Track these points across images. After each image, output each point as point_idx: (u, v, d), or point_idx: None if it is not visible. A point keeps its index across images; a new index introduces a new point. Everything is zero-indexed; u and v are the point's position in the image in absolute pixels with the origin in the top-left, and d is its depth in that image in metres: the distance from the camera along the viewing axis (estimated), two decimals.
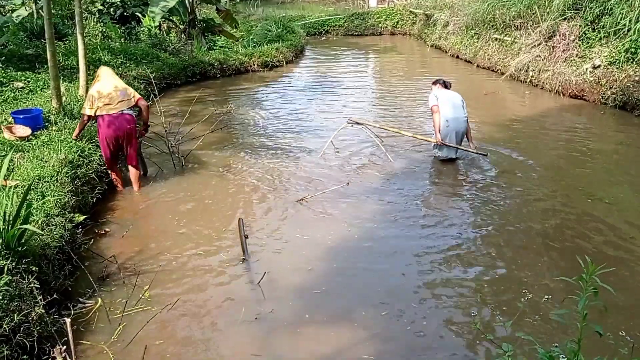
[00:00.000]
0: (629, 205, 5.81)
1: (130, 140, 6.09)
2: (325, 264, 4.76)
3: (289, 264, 4.77)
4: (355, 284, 4.47)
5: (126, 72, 10.79)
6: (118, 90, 6.00)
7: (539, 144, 7.88)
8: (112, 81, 6.08)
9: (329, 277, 4.56)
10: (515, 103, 10.68)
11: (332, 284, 4.46)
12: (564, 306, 3.89)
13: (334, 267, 4.72)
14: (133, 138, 6.12)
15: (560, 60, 10.97)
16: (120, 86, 6.09)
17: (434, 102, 7.05)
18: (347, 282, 4.49)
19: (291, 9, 28.19)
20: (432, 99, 7.12)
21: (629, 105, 9.28)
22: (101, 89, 5.96)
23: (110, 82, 6.05)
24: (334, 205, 5.94)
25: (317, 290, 4.36)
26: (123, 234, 5.28)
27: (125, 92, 6.06)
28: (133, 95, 6.10)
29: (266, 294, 4.29)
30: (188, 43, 13.87)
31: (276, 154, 7.56)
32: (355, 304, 4.18)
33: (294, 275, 4.60)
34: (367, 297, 4.28)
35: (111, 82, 6.05)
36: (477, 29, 14.82)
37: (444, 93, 7.15)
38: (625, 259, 4.72)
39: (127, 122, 6.01)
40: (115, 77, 6.21)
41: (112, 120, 5.91)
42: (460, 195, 6.25)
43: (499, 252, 4.90)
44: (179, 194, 6.28)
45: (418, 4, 20.69)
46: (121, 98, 5.98)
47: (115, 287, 4.39)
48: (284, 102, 10.79)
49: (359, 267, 4.74)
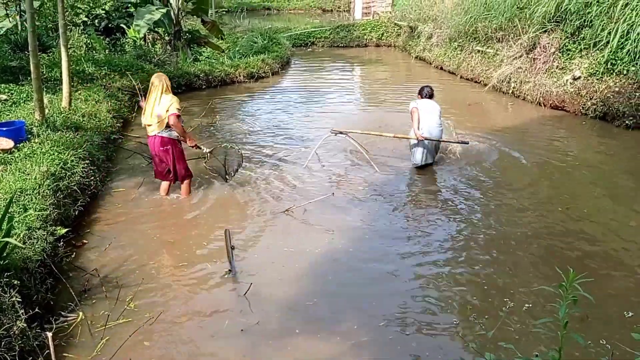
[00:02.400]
0: (609, 215, 5.91)
1: (168, 159, 6.15)
2: (311, 275, 4.77)
3: (275, 275, 4.76)
4: (341, 295, 4.47)
5: (110, 83, 10.75)
6: (155, 113, 5.94)
7: (521, 154, 7.98)
8: (152, 98, 5.96)
9: (315, 288, 4.56)
10: (498, 114, 10.82)
11: (319, 295, 4.46)
12: (546, 314, 3.93)
13: (320, 278, 4.72)
14: (169, 156, 6.12)
15: (541, 72, 11.16)
16: (159, 105, 5.93)
17: (414, 106, 7.38)
18: (334, 293, 4.50)
19: (277, 20, 28.40)
20: (412, 105, 7.46)
21: (609, 116, 9.45)
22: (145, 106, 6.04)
23: (150, 101, 5.96)
24: (320, 215, 5.95)
25: (304, 302, 4.36)
26: (105, 247, 5.24)
27: (162, 111, 5.91)
28: (167, 111, 5.88)
29: (252, 305, 4.28)
30: (173, 54, 13.86)
31: (261, 164, 7.57)
32: (342, 315, 4.19)
33: (280, 286, 4.59)
34: (354, 307, 4.28)
35: (151, 101, 5.96)
36: (460, 41, 15.02)
37: (424, 102, 7.46)
38: (605, 267, 4.80)
39: (161, 144, 6.07)
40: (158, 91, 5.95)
41: (150, 140, 6.14)
42: (443, 204, 6.30)
43: (481, 261, 4.95)
44: (163, 205, 6.26)
45: (402, 16, 20.90)
46: (156, 119, 5.95)
47: (97, 301, 4.35)
48: (269, 113, 10.82)
49: (345, 277, 4.75)
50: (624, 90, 9.26)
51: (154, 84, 5.95)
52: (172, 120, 5.90)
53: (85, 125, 7.76)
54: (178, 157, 6.21)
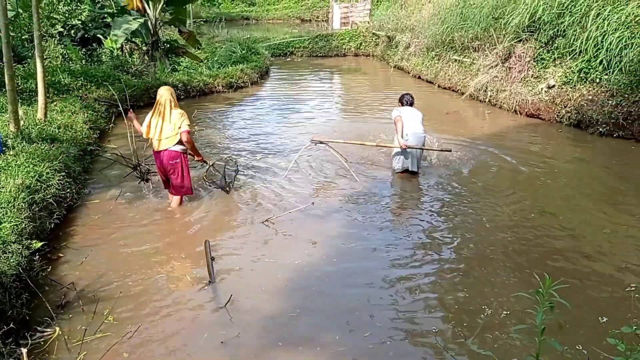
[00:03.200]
0: (585, 221, 6.01)
1: (176, 172, 6.20)
2: (293, 286, 4.75)
3: (255, 286, 4.74)
4: (323, 305, 4.46)
5: (87, 94, 10.64)
6: (166, 129, 6.01)
7: (498, 162, 8.09)
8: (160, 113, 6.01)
9: (297, 299, 4.55)
10: (475, 122, 10.96)
11: (300, 305, 4.45)
12: (524, 321, 3.98)
13: (301, 289, 4.70)
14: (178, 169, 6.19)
15: (517, 81, 11.36)
16: (169, 121, 6.01)
17: (397, 114, 7.40)
18: (315, 304, 4.48)
19: (256, 30, 28.45)
20: (395, 113, 7.48)
21: (583, 124, 9.65)
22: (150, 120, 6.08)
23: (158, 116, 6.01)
24: (300, 225, 5.95)
25: (285, 313, 4.34)
26: (82, 260, 5.16)
27: (174, 127, 5.99)
28: (179, 127, 6.00)
29: (232, 317, 4.25)
30: (151, 64, 13.79)
31: (241, 174, 7.54)
32: (323, 326, 4.18)
33: (260, 297, 4.57)
34: (335, 318, 4.27)
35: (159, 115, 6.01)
36: (437, 51, 15.22)
37: (406, 110, 7.51)
38: (582, 273, 4.87)
39: (170, 158, 6.13)
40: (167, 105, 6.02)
41: (157, 154, 6.17)
42: (422, 212, 6.35)
43: (460, 268, 4.99)
44: (141, 217, 6.19)
45: (380, 26, 21.14)
46: (167, 134, 6.01)
47: (74, 315, 4.27)
48: (249, 123, 10.80)
49: (326, 287, 4.74)
50: (597, 99, 9.47)
51: (163, 97, 5.99)
52: (185, 137, 6.01)
53: (61, 136, 7.66)
54: (186, 171, 6.28)
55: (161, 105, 5.99)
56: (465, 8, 14.06)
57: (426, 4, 17.94)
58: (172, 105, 6.03)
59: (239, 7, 39.29)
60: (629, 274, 4.83)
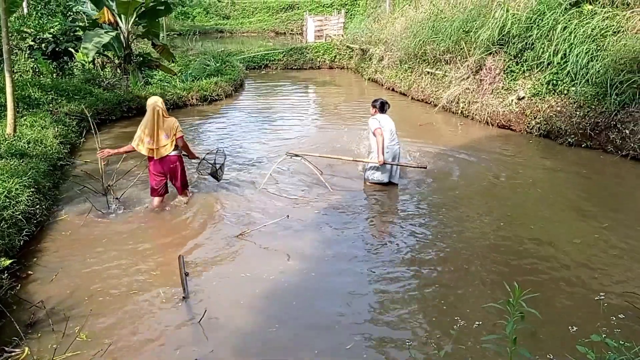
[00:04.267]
0: (556, 231, 6.12)
1: (176, 174, 6.66)
2: (268, 301, 4.72)
3: (230, 301, 4.69)
4: (298, 320, 4.44)
5: (57, 108, 10.48)
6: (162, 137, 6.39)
7: (471, 173, 8.21)
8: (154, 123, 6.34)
9: (272, 314, 4.51)
10: (448, 133, 11.11)
11: (275, 320, 4.41)
12: (496, 331, 4.02)
13: (277, 303, 4.68)
14: (177, 172, 6.65)
15: (488, 93, 11.57)
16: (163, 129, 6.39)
17: (377, 126, 7.25)
18: (291, 318, 4.46)
19: (230, 43, 28.46)
20: (374, 123, 7.31)
21: (552, 134, 9.87)
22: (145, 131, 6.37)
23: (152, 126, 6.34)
24: (275, 238, 5.93)
25: (260, 328, 4.31)
26: (52, 277, 5.05)
27: (169, 134, 6.41)
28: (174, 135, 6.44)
29: (207, 333, 4.20)
30: (124, 78, 13.66)
31: (215, 188, 7.50)
32: (300, 341, 4.15)
33: (235, 312, 4.53)
34: (311, 332, 4.26)
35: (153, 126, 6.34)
36: (410, 63, 15.42)
37: (384, 119, 7.40)
38: (553, 282, 4.96)
39: (171, 163, 6.58)
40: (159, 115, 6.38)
41: (157, 162, 6.51)
42: (396, 223, 6.39)
43: (433, 280, 5.03)
44: (113, 232, 6.09)
45: (354, 39, 21.34)
46: (164, 143, 6.41)
47: (43, 334, 4.17)
48: (223, 136, 10.76)
49: (303, 302, 4.72)
50: (565, 110, 9.69)
51: (155, 108, 6.36)
52: (181, 143, 6.58)
53: (30, 152, 7.52)
54: (183, 171, 6.75)
55: (154, 116, 6.33)
56: (437, 22, 14.31)
57: (399, 17, 18.21)
58: (164, 115, 6.42)
59: (213, 20, 39.24)
60: (598, 283, 4.92)
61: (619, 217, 6.42)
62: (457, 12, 13.87)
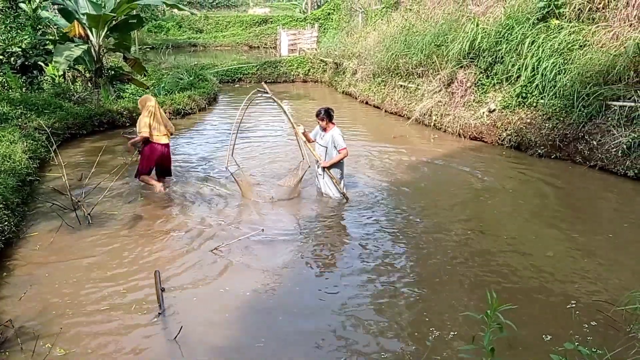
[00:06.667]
0: (527, 241, 6.22)
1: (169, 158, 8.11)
2: (244, 316, 4.66)
3: (206, 318, 4.63)
4: (276, 335, 4.40)
5: (26, 123, 10.26)
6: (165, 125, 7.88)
7: (443, 184, 8.30)
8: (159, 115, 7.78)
9: (249, 330, 4.46)
10: (422, 145, 11.22)
11: (252, 336, 4.37)
12: (470, 341, 4.05)
13: (254, 319, 4.63)
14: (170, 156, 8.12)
15: (460, 105, 11.76)
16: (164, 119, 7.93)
17: (345, 145, 7.25)
18: (268, 334, 4.41)
19: (203, 57, 28.32)
20: (342, 140, 7.27)
21: (523, 146, 10.07)
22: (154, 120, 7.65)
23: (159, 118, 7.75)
24: (249, 252, 5.88)
25: (237, 344, 4.26)
26: (21, 295, 4.90)
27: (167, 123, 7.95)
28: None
29: (183, 349, 4.13)
30: (95, 92, 13.46)
31: (187, 202, 7.42)
32: (277, 357, 4.11)
33: (212, 329, 4.47)
34: (288, 348, 4.22)
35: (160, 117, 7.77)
36: (384, 77, 15.58)
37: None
38: (526, 292, 5.02)
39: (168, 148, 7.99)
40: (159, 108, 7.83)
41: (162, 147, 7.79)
42: (370, 234, 6.40)
43: (408, 291, 5.05)
44: (84, 248, 5.96)
45: (327, 52, 21.49)
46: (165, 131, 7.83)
47: (11, 354, 4.05)
48: (196, 150, 10.67)
49: (278, 318, 4.68)
50: (534, 122, 9.91)
51: (153, 103, 7.63)
52: (174, 130, 8.19)
53: None
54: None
55: (156, 109, 7.65)
56: (409, 36, 14.53)
57: (371, 32, 18.43)
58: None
59: (186, 34, 39.00)
60: (570, 291, 5.01)
61: (587, 227, 6.57)
62: (428, 27, 14.12)
